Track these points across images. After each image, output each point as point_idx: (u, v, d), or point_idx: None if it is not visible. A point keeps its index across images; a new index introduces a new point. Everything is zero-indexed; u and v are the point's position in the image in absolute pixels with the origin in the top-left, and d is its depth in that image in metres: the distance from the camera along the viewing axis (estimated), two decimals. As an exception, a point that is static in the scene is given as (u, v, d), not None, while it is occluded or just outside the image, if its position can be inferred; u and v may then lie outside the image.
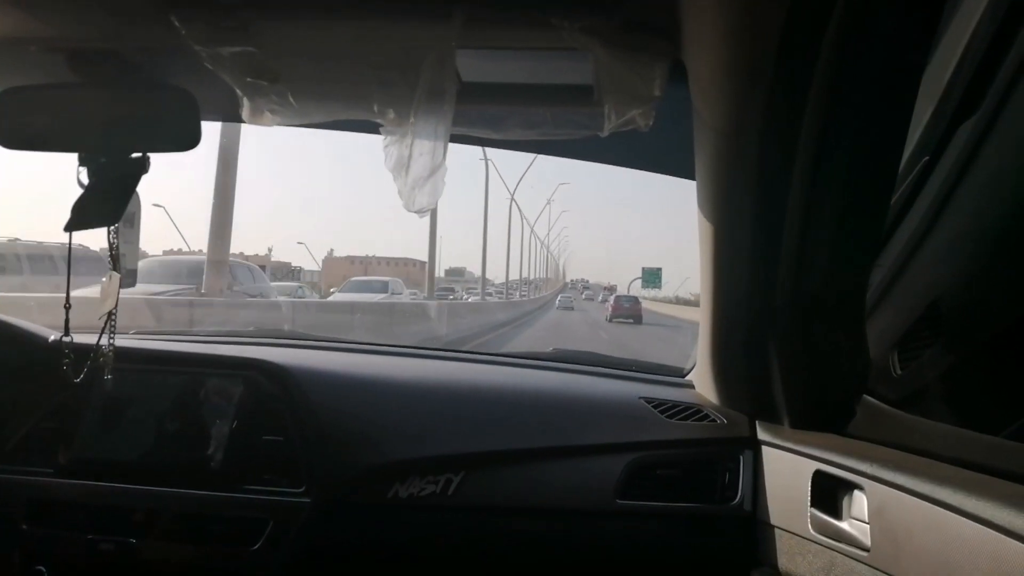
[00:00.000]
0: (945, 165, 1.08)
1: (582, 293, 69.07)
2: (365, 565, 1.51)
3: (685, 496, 1.49)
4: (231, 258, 12.36)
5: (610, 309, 28.76)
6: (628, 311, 27.61)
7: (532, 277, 66.49)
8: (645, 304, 35.22)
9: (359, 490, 1.47)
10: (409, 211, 1.13)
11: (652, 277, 47.36)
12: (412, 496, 1.46)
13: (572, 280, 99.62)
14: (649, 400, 1.61)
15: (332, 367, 1.66)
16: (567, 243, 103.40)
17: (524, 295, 49.71)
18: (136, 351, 1.59)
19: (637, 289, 45.02)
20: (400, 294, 19.91)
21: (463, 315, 19.51)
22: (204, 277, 10.84)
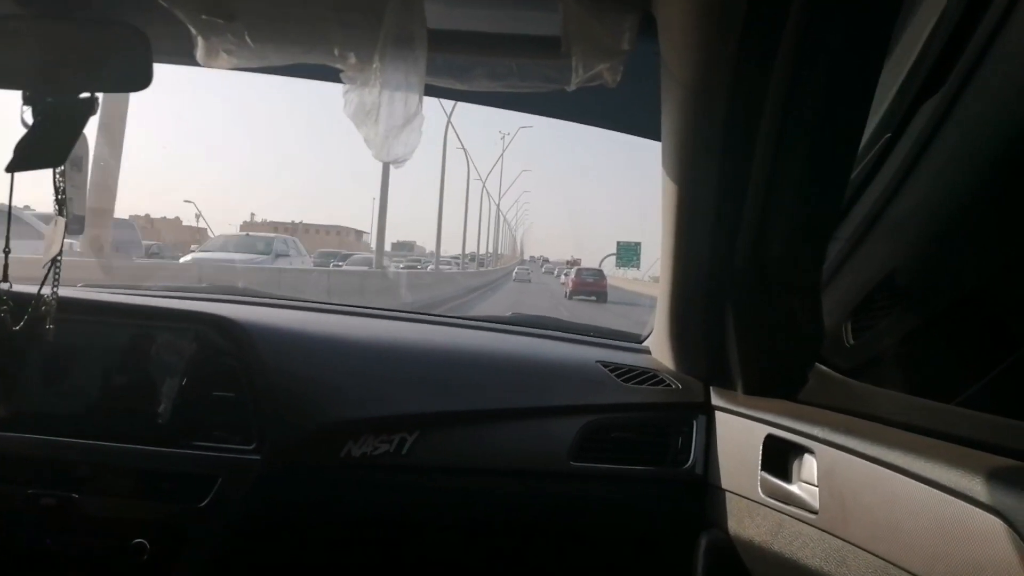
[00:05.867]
0: (906, 143, 1.12)
1: (541, 267, 68.42)
2: (316, 523, 1.51)
3: (638, 459, 1.52)
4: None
5: (570, 284, 26.09)
6: (591, 287, 25.20)
7: (482, 252, 53.77)
8: (615, 282, 33.63)
9: (311, 448, 1.48)
10: (383, 161, 1.11)
11: (628, 253, 42.34)
12: (365, 455, 1.46)
13: (531, 257, 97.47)
14: (606, 364, 1.64)
15: (286, 324, 1.65)
16: (527, 213, 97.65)
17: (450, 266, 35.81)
18: (82, 302, 1.56)
19: (611, 268, 40.47)
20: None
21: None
22: (84, 229, 10.08)
